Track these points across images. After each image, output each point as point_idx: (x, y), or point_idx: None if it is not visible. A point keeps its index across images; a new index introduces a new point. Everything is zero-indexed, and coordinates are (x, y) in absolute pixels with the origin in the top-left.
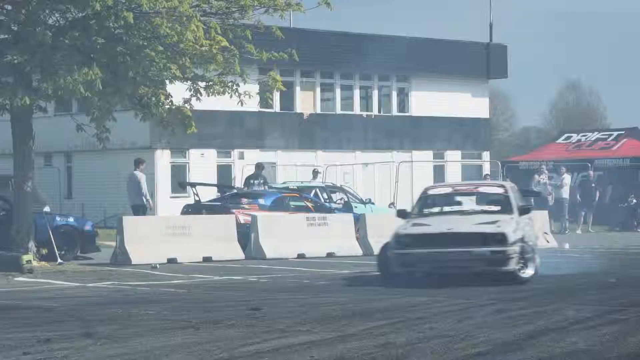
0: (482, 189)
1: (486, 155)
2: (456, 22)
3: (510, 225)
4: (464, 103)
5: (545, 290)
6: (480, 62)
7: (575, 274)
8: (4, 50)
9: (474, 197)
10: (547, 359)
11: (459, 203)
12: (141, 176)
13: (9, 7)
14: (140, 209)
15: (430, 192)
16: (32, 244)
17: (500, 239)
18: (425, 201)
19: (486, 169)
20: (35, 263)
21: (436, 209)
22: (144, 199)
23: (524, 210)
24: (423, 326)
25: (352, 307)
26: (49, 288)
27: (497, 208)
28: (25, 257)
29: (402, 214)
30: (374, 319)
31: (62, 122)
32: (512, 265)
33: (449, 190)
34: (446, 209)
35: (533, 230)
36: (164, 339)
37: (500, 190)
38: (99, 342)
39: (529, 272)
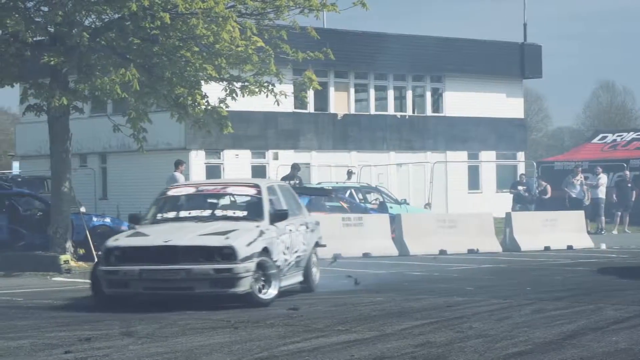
0: (230, 190)
1: (521, 155)
2: (490, 22)
3: (246, 237)
4: (499, 103)
5: (583, 291)
6: (515, 62)
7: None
8: (41, 51)
9: (228, 199)
10: (589, 359)
11: (213, 206)
12: (180, 177)
13: (46, 9)
14: None
15: (170, 192)
16: (69, 244)
17: (227, 253)
18: (164, 204)
19: (521, 169)
20: (72, 263)
21: (172, 214)
22: None
23: (278, 216)
24: (462, 325)
25: (390, 307)
26: (87, 288)
27: (244, 213)
28: (63, 258)
29: (134, 219)
30: (412, 319)
31: (97, 123)
32: (245, 286)
33: (191, 190)
34: (183, 214)
35: (299, 239)
36: (204, 339)
37: (250, 192)
38: (139, 341)
39: (271, 292)
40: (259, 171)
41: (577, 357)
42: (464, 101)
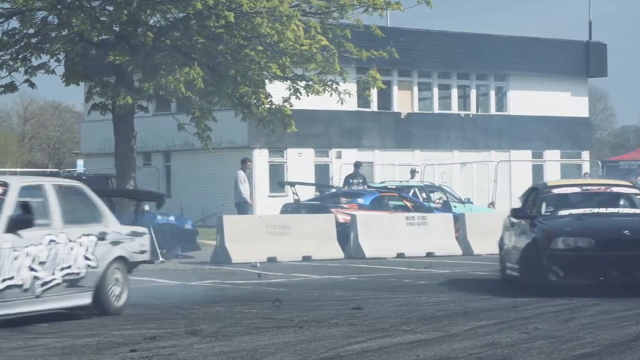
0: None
1: (585, 154)
2: (555, 20)
3: None
4: (563, 102)
5: None
6: (580, 60)
7: None
8: (106, 50)
9: None
10: None
11: None
12: (238, 175)
13: (111, 8)
14: (243, 207)
15: None
16: None
17: None
18: None
19: (585, 168)
20: None
21: None
22: (242, 196)
23: (17, 224)
24: (528, 326)
25: (454, 307)
26: (152, 286)
27: None
28: None
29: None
30: (477, 319)
31: (162, 121)
32: None
33: None
34: None
35: (76, 252)
36: (268, 338)
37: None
38: (204, 340)
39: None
40: (322, 170)
41: None
42: (528, 100)
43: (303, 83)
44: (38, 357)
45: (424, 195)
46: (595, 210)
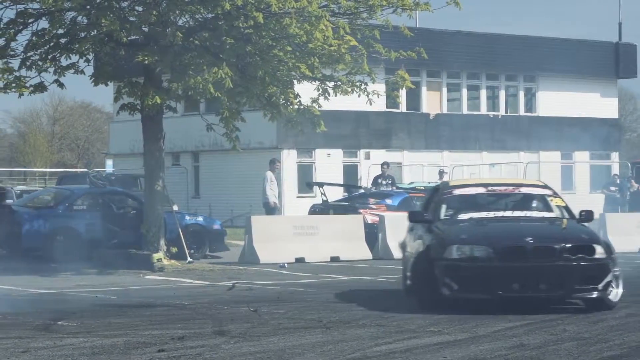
0: None
1: (615, 156)
2: (584, 21)
3: None
4: (593, 103)
5: None
6: (609, 61)
7: None
8: (135, 50)
9: None
10: None
11: None
12: (266, 175)
13: (140, 9)
14: (271, 208)
15: None
16: (162, 243)
17: None
18: None
19: (615, 169)
20: (165, 261)
21: None
22: (267, 197)
23: None
24: (556, 328)
25: (482, 308)
26: (180, 286)
27: None
28: (156, 256)
29: None
30: (505, 320)
31: (190, 121)
32: None
33: None
34: None
35: None
36: (296, 338)
37: None
38: (232, 340)
39: None
40: (350, 170)
41: None
42: (557, 101)
43: (332, 83)
44: (67, 357)
45: None
46: (501, 213)
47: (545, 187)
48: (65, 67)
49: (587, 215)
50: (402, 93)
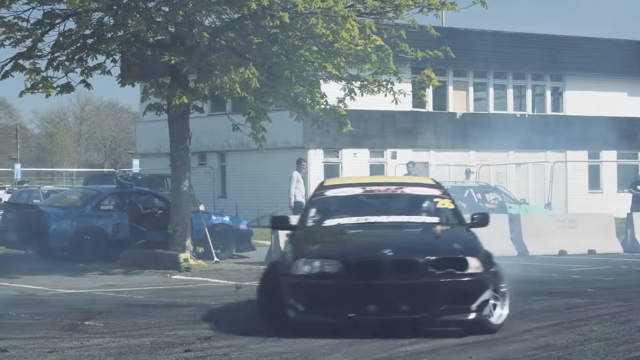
0: None
1: None
2: (611, 20)
3: None
4: (620, 102)
5: None
6: (636, 60)
7: None
8: (161, 51)
9: None
10: None
11: None
12: (292, 175)
13: (167, 9)
14: (298, 207)
15: None
16: (189, 243)
17: None
18: None
19: None
20: (192, 261)
21: None
22: (290, 197)
23: None
24: (583, 328)
25: (509, 308)
26: (206, 286)
27: None
28: (183, 256)
29: None
30: (532, 320)
31: (217, 121)
32: None
33: None
34: None
35: None
36: (322, 338)
37: None
38: (258, 340)
39: None
40: (377, 170)
41: None
42: (584, 100)
43: (358, 83)
44: (94, 357)
45: (479, 195)
46: (374, 219)
47: (435, 186)
48: (92, 68)
49: (481, 220)
50: (429, 92)
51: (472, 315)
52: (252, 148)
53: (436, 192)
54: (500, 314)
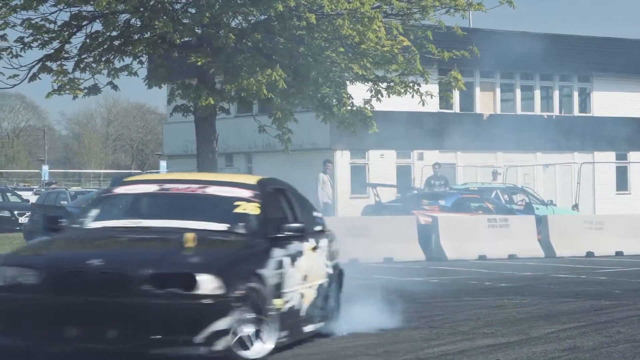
0: None
1: None
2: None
3: None
4: None
5: None
6: None
7: None
8: (188, 52)
9: None
10: None
11: None
12: (318, 177)
13: (193, 11)
14: (325, 208)
15: None
16: None
17: None
18: None
19: None
20: None
21: None
22: (318, 199)
23: None
24: (610, 330)
25: (536, 310)
26: None
27: None
28: None
29: None
30: (559, 322)
31: (243, 122)
32: None
33: None
34: None
35: None
36: (349, 340)
37: None
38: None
39: None
40: (403, 171)
41: None
42: (612, 101)
43: (384, 84)
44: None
45: (506, 197)
46: (148, 222)
47: (250, 187)
48: (118, 69)
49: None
50: (456, 94)
51: (199, 350)
52: (279, 149)
53: (245, 193)
54: (260, 348)
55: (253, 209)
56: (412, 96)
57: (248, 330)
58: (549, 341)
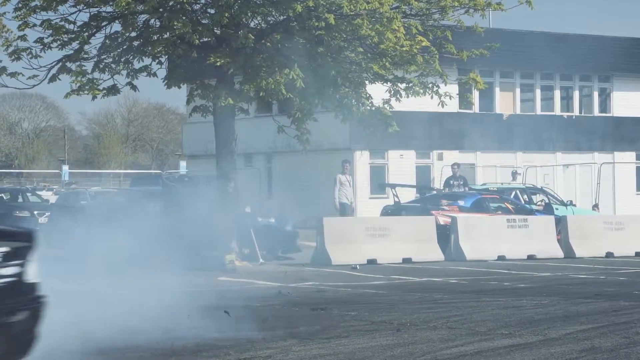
0: None
1: None
2: None
3: None
4: None
5: None
6: None
7: None
8: (207, 53)
9: None
10: None
11: None
12: (335, 178)
13: (213, 11)
14: (344, 209)
15: None
16: (234, 244)
17: None
18: None
19: None
20: (237, 263)
21: None
22: (335, 199)
23: None
24: (629, 331)
25: (554, 311)
26: (251, 288)
27: None
28: (228, 257)
29: None
30: (577, 323)
31: (263, 123)
32: None
33: None
34: None
35: None
36: (366, 341)
37: None
38: (302, 342)
39: None
40: (423, 171)
41: None
42: (632, 101)
43: (403, 85)
44: (139, 359)
45: (525, 197)
46: None
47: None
48: (137, 70)
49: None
50: (475, 94)
51: None
52: (298, 149)
53: None
54: None
55: None
56: (432, 97)
57: None
58: (567, 342)
